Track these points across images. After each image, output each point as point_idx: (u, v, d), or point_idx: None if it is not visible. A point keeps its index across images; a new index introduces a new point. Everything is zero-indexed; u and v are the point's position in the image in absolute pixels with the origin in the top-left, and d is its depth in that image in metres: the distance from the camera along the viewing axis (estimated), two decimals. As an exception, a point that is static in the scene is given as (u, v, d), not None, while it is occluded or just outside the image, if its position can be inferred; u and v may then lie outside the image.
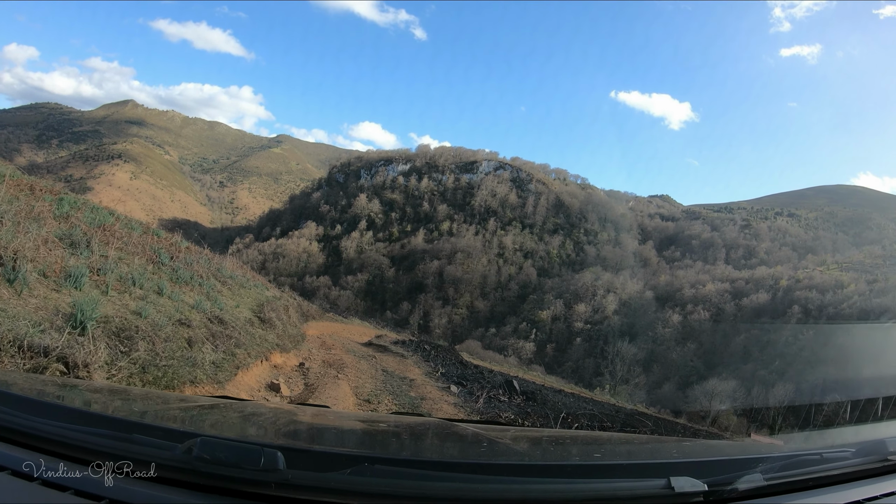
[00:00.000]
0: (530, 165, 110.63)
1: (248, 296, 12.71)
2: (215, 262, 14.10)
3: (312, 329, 19.34)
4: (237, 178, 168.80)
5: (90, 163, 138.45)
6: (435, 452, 1.76)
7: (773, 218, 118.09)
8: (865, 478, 1.50)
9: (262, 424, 1.92)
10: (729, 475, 1.31)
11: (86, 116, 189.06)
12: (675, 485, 1.21)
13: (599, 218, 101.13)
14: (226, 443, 1.17)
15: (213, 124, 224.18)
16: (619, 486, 1.24)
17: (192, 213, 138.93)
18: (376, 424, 2.29)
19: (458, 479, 1.17)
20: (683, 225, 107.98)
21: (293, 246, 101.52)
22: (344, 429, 1.99)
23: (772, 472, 1.35)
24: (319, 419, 2.13)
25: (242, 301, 11.38)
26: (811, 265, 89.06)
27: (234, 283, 12.75)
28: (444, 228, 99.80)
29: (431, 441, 1.93)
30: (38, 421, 1.34)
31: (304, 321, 20.18)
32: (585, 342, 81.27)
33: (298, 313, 19.40)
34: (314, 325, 21.77)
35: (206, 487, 1.15)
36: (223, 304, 9.32)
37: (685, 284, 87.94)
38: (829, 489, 1.43)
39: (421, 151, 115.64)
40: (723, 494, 1.27)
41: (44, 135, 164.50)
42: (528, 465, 1.39)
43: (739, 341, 75.59)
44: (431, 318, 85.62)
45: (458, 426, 2.04)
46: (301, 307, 22.52)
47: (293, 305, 19.60)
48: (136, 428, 1.32)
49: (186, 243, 13.80)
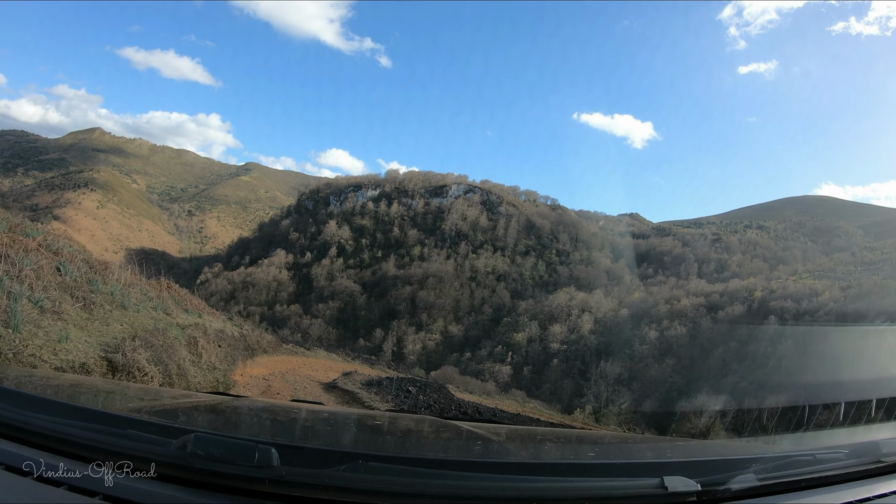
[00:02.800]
0: (500, 188, 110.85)
1: (125, 321, 8.80)
2: (100, 273, 9.97)
3: (259, 367, 16.03)
4: (206, 207, 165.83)
5: (56, 191, 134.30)
6: (429, 450, 1.76)
7: (743, 231, 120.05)
8: (859, 479, 1.51)
9: (256, 421, 1.94)
10: (722, 475, 1.31)
11: (52, 144, 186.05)
12: (668, 484, 1.22)
13: (571, 238, 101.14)
14: (220, 439, 1.17)
15: (182, 152, 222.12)
16: (613, 485, 1.25)
17: (160, 242, 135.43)
18: (371, 422, 2.26)
19: (452, 476, 1.18)
20: (654, 242, 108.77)
21: (263, 274, 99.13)
22: (338, 426, 2.00)
23: (765, 473, 1.35)
24: (314, 416, 2.11)
25: (106, 331, 7.80)
26: (784, 275, 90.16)
27: (110, 304, 8.86)
28: (415, 253, 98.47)
29: (426, 439, 1.96)
30: (33, 416, 1.35)
31: (248, 356, 16.78)
32: (562, 363, 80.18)
33: (239, 346, 15.99)
34: (264, 362, 18.11)
35: (200, 484, 1.16)
36: (44, 338, 5.93)
37: (660, 300, 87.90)
38: (823, 490, 1.44)
39: (390, 177, 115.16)
40: (716, 494, 1.28)
41: (9, 162, 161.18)
42: (521, 464, 1.40)
43: (718, 354, 75.32)
44: (405, 344, 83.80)
45: (452, 424, 2.07)
46: (246, 338, 18.43)
47: (229, 337, 15.44)
48: (131, 424, 1.33)
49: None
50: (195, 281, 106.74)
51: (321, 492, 1.12)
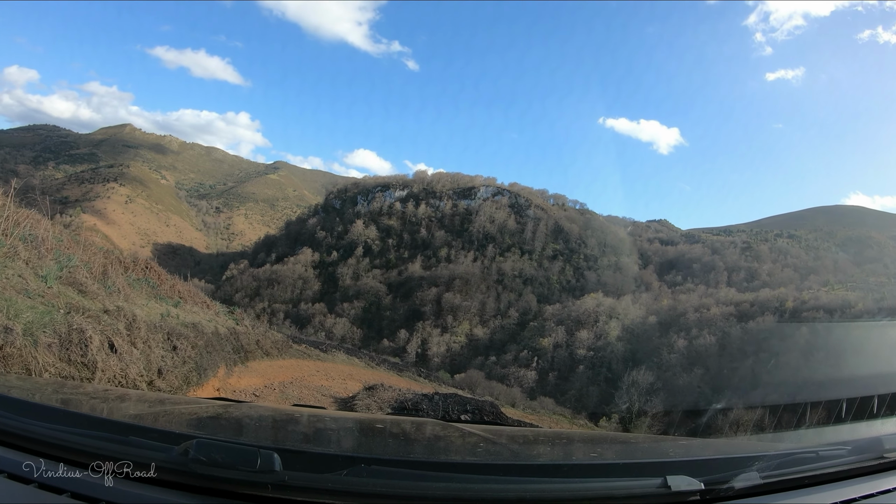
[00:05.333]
0: (528, 191, 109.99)
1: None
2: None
3: (253, 375, 12.81)
4: (233, 204, 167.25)
5: (86, 185, 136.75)
6: (431, 453, 1.78)
7: (774, 239, 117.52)
8: (861, 475, 1.52)
9: (258, 426, 1.94)
10: (725, 474, 1.32)
11: (83, 139, 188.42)
12: (671, 483, 1.22)
13: (599, 243, 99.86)
14: (222, 444, 1.18)
15: (211, 150, 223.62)
16: (616, 485, 1.26)
17: (187, 238, 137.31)
18: (373, 425, 2.25)
19: (454, 479, 1.18)
20: (683, 249, 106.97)
21: (288, 272, 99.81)
22: (340, 430, 2.01)
23: (768, 471, 1.36)
24: (316, 421, 2.11)
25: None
26: (815, 285, 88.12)
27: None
28: (441, 255, 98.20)
29: (428, 441, 1.95)
30: (35, 424, 1.36)
31: (239, 360, 13.44)
32: (588, 369, 79.31)
33: (225, 347, 12.42)
34: (262, 368, 14.66)
35: (202, 489, 1.16)
36: None
37: (689, 308, 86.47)
38: (825, 487, 1.44)
39: (418, 177, 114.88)
40: (719, 493, 1.28)
41: (40, 156, 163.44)
42: (524, 465, 1.41)
43: (748, 365, 73.79)
44: (429, 346, 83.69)
45: (454, 426, 2.05)
46: (239, 336, 14.92)
47: (207, 334, 11.34)
48: (133, 430, 1.34)
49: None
50: (221, 277, 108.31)
51: (324, 496, 1.12)
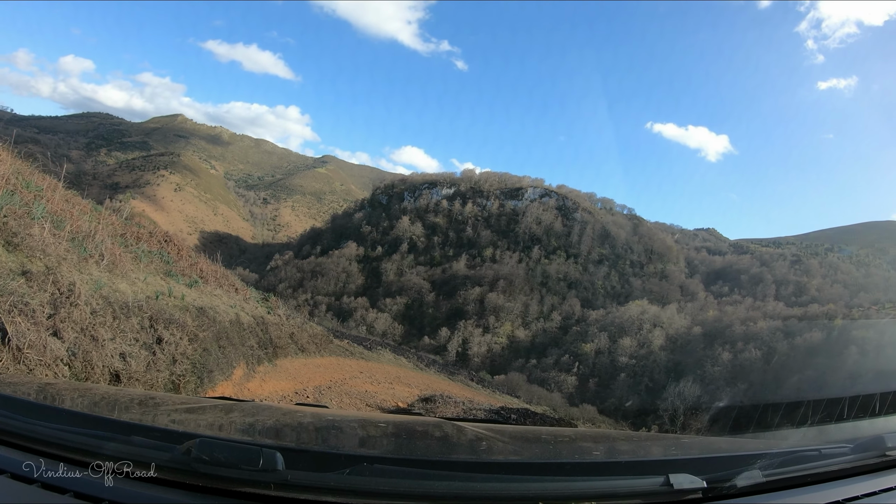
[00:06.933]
0: (576, 194, 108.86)
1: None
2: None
3: (282, 377, 10.94)
4: (281, 196, 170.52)
5: (136, 172, 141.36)
6: (434, 451, 1.77)
7: (824, 254, 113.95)
8: (864, 473, 1.52)
9: (260, 425, 1.93)
10: (728, 472, 1.32)
11: (135, 128, 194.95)
12: (673, 482, 1.23)
13: (645, 249, 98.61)
14: (224, 443, 1.19)
15: (260, 142, 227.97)
16: (618, 483, 1.26)
17: (234, 227, 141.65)
18: (375, 424, 2.25)
19: (457, 477, 1.18)
20: (731, 259, 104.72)
21: (332, 265, 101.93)
22: (343, 429, 1.99)
23: (770, 469, 1.37)
24: (318, 419, 2.08)
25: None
26: (865, 304, 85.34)
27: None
28: (486, 254, 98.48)
29: (430, 440, 1.94)
30: (37, 423, 1.36)
31: (265, 358, 11.61)
32: (629, 378, 78.80)
33: (248, 342, 10.92)
34: (294, 367, 12.77)
35: (205, 488, 1.17)
36: None
37: (735, 321, 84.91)
38: (828, 485, 1.45)
39: (465, 176, 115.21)
40: (721, 491, 1.29)
41: (93, 143, 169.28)
42: (527, 464, 1.41)
43: (793, 383, 72.26)
44: (470, 345, 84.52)
45: (456, 425, 2.04)
46: (268, 328, 12.86)
47: (223, 323, 9.82)
48: (135, 429, 1.34)
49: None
50: (265, 267, 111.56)
51: (326, 495, 1.12)
